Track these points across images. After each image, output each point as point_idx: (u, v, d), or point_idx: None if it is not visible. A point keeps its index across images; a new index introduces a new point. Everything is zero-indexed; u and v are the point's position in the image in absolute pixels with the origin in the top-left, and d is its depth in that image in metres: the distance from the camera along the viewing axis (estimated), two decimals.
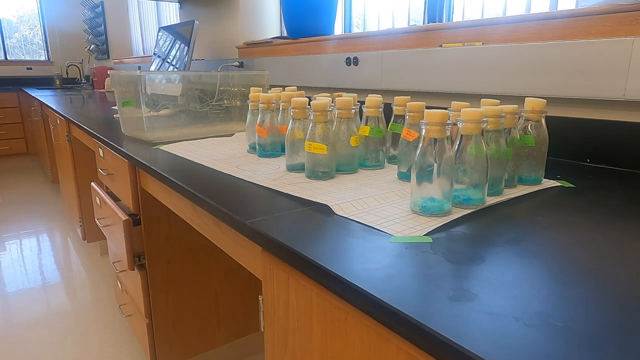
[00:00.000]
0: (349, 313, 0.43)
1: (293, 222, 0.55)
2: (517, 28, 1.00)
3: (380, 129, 0.83)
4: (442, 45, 1.14)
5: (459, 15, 1.44)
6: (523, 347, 0.30)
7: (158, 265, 1.26)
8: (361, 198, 0.64)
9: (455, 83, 1.09)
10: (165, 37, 2.05)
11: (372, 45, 1.40)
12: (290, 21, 1.70)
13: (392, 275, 0.41)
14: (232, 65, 2.02)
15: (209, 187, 0.71)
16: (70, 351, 1.56)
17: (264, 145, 0.94)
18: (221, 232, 0.73)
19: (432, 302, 0.36)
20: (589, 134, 0.88)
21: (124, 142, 1.14)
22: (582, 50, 0.85)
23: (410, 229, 0.52)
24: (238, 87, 1.34)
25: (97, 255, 2.35)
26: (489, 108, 0.62)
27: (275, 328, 0.57)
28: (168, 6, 3.19)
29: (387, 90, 1.29)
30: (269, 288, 0.57)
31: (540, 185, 0.72)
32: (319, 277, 0.44)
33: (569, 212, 0.59)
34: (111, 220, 1.31)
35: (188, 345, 1.38)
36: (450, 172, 0.56)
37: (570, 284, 0.40)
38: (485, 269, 0.43)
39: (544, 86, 0.92)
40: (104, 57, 4.39)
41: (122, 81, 1.21)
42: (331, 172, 0.77)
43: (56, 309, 1.83)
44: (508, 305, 0.36)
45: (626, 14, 0.82)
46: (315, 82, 1.55)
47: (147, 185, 1.08)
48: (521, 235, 0.51)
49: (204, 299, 1.38)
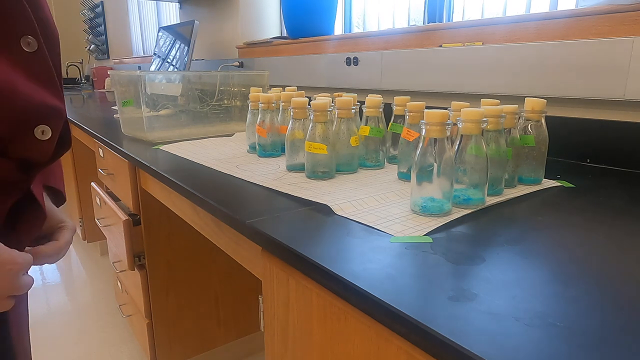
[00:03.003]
0: (349, 313, 0.43)
1: (293, 222, 0.55)
2: (517, 28, 1.00)
3: (380, 129, 0.83)
4: (442, 45, 1.14)
5: (459, 15, 1.44)
6: (523, 347, 0.30)
7: (158, 265, 1.26)
8: (361, 198, 0.64)
9: (455, 83, 1.09)
10: (165, 37, 2.05)
11: (372, 45, 1.40)
12: (290, 21, 1.70)
13: (392, 275, 0.41)
14: (232, 65, 2.02)
15: (209, 187, 0.71)
16: (70, 351, 1.56)
17: (264, 145, 0.94)
18: (221, 232, 0.73)
19: (432, 302, 0.36)
20: (589, 134, 0.88)
21: (124, 142, 1.14)
22: (582, 50, 0.85)
23: (410, 229, 0.52)
24: (238, 87, 1.34)
25: (97, 255, 2.35)
26: (489, 108, 0.62)
27: (275, 328, 0.57)
28: (168, 6, 3.19)
29: (387, 90, 1.29)
30: (269, 288, 0.57)
31: (540, 185, 0.72)
32: (319, 277, 0.44)
33: (569, 212, 0.59)
34: (111, 220, 1.31)
35: (188, 345, 1.38)
36: (450, 172, 0.56)
37: (570, 284, 0.40)
38: (485, 269, 0.42)
39: (544, 86, 0.92)
40: (104, 57, 4.39)
41: (122, 81, 1.21)
42: (331, 172, 0.77)
43: (56, 309, 1.83)
44: (508, 305, 0.36)
45: (626, 14, 0.82)
46: (315, 82, 1.55)
47: (147, 185, 1.08)
48: (521, 235, 0.51)
49: (204, 299, 1.38)
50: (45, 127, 0.41)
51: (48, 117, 0.41)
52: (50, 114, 0.41)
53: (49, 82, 0.40)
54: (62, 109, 0.42)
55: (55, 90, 0.41)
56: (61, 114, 0.43)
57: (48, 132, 0.41)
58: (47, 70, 0.40)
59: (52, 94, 0.41)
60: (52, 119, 0.41)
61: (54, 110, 0.41)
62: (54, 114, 0.41)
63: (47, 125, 0.41)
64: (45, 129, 0.41)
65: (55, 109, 0.41)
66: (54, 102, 0.41)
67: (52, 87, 0.41)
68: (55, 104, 0.41)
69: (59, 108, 0.42)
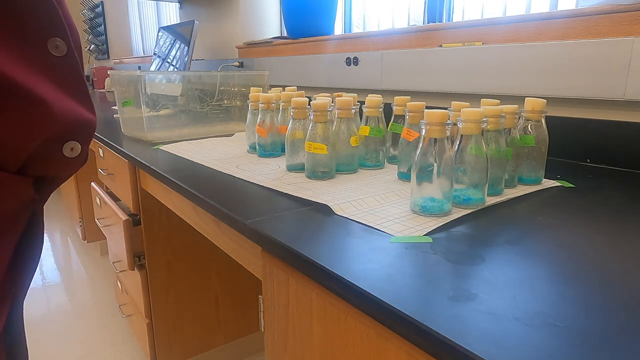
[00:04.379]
0: (349, 313, 0.43)
1: (293, 222, 0.55)
2: (517, 28, 1.00)
3: (380, 129, 0.83)
4: (442, 45, 1.14)
5: (459, 15, 1.44)
6: (523, 347, 0.30)
7: (158, 265, 1.26)
8: (361, 198, 0.64)
9: (455, 83, 1.09)
10: (165, 37, 2.05)
11: (372, 45, 1.40)
12: (290, 21, 1.70)
13: (392, 275, 0.41)
14: (232, 65, 2.02)
15: (209, 187, 0.71)
16: (70, 351, 1.56)
17: (264, 145, 0.94)
18: (221, 232, 0.73)
19: (432, 302, 0.36)
20: (589, 134, 0.88)
21: (124, 142, 1.14)
22: (582, 50, 0.85)
23: (410, 229, 0.52)
24: (238, 87, 1.34)
25: (97, 255, 2.35)
26: (489, 108, 0.62)
27: (275, 328, 0.57)
28: (168, 6, 3.19)
29: (387, 90, 1.29)
30: (269, 288, 0.57)
31: (540, 185, 0.72)
32: (318, 277, 0.44)
33: (569, 212, 0.59)
34: (111, 220, 1.31)
35: (188, 345, 1.38)
36: (450, 172, 0.56)
37: (570, 283, 0.40)
38: (485, 269, 0.42)
39: (544, 86, 0.92)
40: (104, 57, 4.39)
41: (122, 81, 1.21)
42: (331, 172, 0.77)
43: (56, 309, 1.83)
44: (508, 305, 0.36)
45: (626, 14, 0.82)
46: (315, 82, 1.55)
47: (147, 185, 1.08)
48: (521, 235, 0.51)
49: (204, 299, 1.38)
50: (76, 144, 0.35)
51: (79, 132, 0.35)
52: (82, 129, 0.35)
53: (79, 90, 0.35)
54: (94, 121, 0.37)
55: (87, 100, 0.36)
56: (93, 127, 0.37)
57: (78, 149, 0.35)
58: (78, 77, 0.35)
59: (83, 105, 0.36)
60: (83, 133, 0.36)
61: (86, 124, 0.36)
62: (86, 128, 0.36)
63: (77, 142, 0.35)
64: (75, 145, 0.35)
65: (88, 122, 0.36)
66: (86, 114, 0.36)
67: (83, 96, 0.36)
68: (87, 117, 0.36)
69: (91, 121, 0.36)
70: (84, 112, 0.36)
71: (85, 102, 0.36)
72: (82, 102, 0.35)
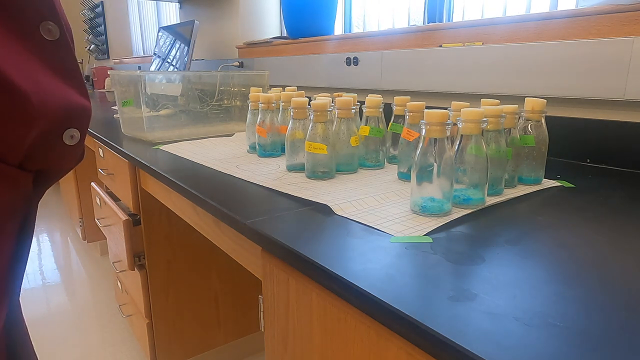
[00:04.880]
0: (349, 313, 0.43)
1: (293, 222, 0.55)
2: (517, 28, 1.00)
3: (380, 129, 0.83)
4: (442, 45, 1.14)
5: (459, 16, 1.44)
6: (523, 347, 0.30)
7: (158, 265, 1.26)
8: (361, 198, 0.64)
9: (455, 83, 1.09)
10: (165, 37, 2.05)
11: (372, 45, 1.40)
12: (290, 21, 1.70)
13: (392, 275, 0.41)
14: (232, 65, 2.02)
15: (209, 187, 0.71)
16: (70, 351, 1.56)
17: (264, 145, 0.94)
18: (221, 232, 0.73)
19: (432, 302, 0.36)
20: (589, 134, 0.88)
21: (124, 142, 1.14)
22: (582, 50, 0.85)
23: (410, 229, 0.52)
24: (238, 87, 1.34)
25: (97, 255, 2.35)
26: (489, 108, 0.62)
27: (275, 328, 0.57)
28: (168, 6, 3.19)
29: (387, 90, 1.29)
30: (269, 288, 0.57)
31: (540, 185, 0.72)
32: (319, 277, 0.44)
33: (569, 212, 0.59)
34: (111, 220, 1.31)
35: (188, 345, 1.38)
36: (450, 172, 0.56)
37: (570, 284, 0.40)
38: (485, 269, 0.43)
39: (544, 86, 0.92)
40: (104, 57, 4.39)
41: (122, 81, 1.21)
42: (331, 172, 0.77)
43: (56, 309, 1.83)
44: (508, 305, 0.36)
45: (626, 14, 0.82)
46: (315, 82, 1.55)
47: (147, 185, 1.08)
48: (521, 235, 0.51)
49: (204, 299, 1.38)
50: (75, 131, 0.35)
51: (77, 118, 0.35)
52: (79, 115, 0.35)
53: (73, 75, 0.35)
54: (89, 107, 0.37)
55: (80, 85, 0.36)
56: (89, 113, 0.37)
57: (77, 136, 0.35)
58: (71, 62, 0.34)
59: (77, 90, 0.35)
60: (80, 119, 0.35)
61: (82, 109, 0.35)
62: (83, 113, 0.36)
63: (76, 128, 0.35)
64: (74, 132, 0.35)
65: (84, 107, 0.36)
66: (81, 100, 0.36)
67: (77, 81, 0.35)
68: (83, 102, 0.36)
69: (87, 106, 0.36)
70: (79, 98, 0.35)
71: (79, 87, 0.36)
72: (77, 86, 0.35)
